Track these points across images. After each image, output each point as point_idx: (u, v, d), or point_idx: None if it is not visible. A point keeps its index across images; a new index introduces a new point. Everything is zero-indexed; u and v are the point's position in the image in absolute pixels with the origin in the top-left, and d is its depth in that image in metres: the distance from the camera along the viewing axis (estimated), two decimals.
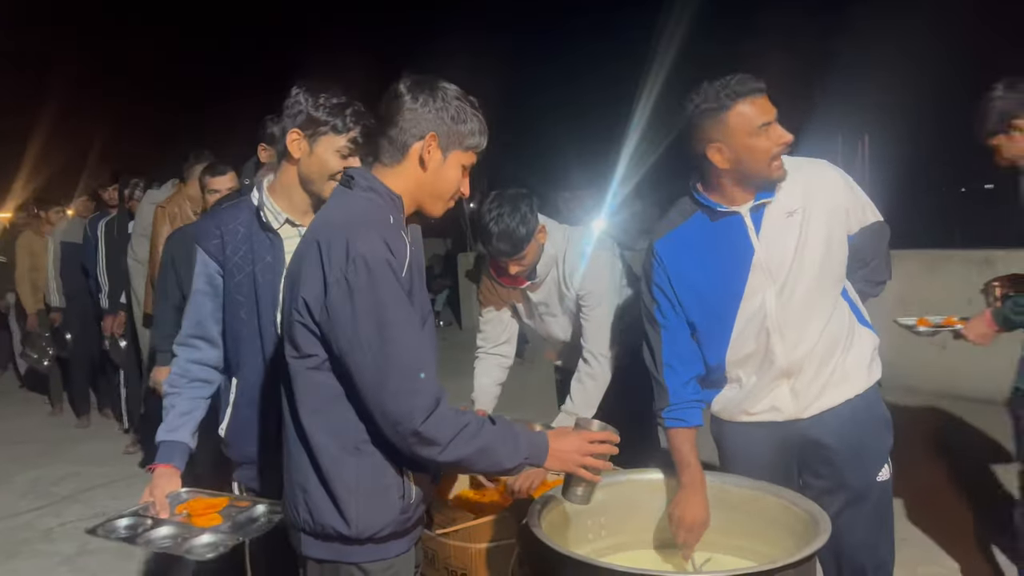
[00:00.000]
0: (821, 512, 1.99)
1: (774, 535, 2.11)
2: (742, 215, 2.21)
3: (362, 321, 1.61)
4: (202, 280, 2.21)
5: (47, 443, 6.56)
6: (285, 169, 2.16)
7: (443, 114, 1.74)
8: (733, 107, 2.08)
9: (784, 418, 2.31)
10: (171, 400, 2.22)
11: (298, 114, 2.09)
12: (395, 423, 1.62)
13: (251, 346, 2.18)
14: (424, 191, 1.79)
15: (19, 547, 4.49)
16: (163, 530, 1.97)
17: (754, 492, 2.19)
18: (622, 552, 2.24)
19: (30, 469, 5.86)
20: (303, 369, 1.71)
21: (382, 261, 1.62)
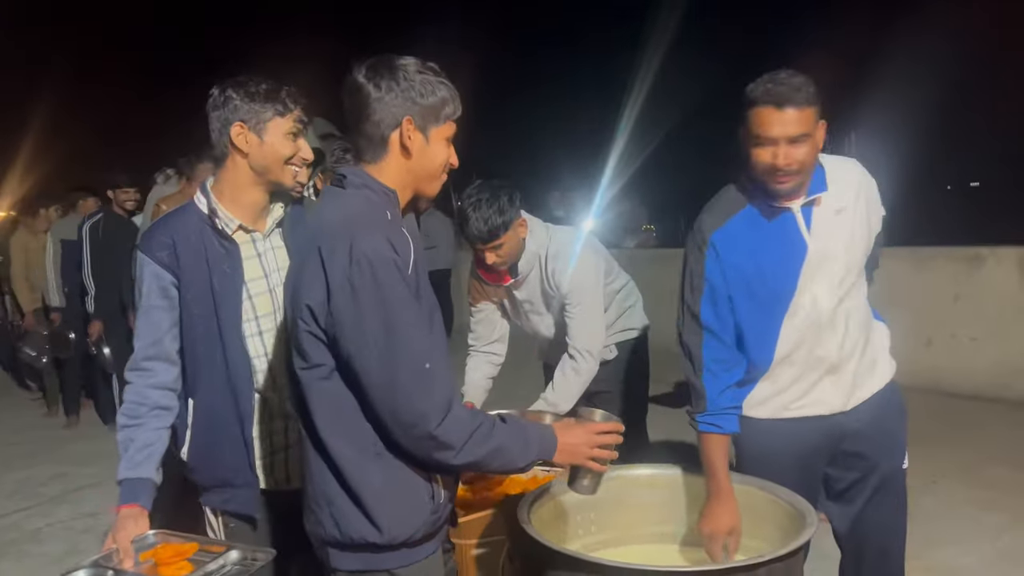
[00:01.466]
0: (807, 506, 2.01)
1: (762, 529, 2.13)
2: (793, 211, 2.19)
3: (368, 323, 1.56)
4: (155, 295, 2.03)
5: (34, 444, 6.53)
6: (230, 169, 2.04)
7: (410, 93, 1.67)
8: (748, 110, 2.09)
9: (829, 411, 2.30)
10: (130, 433, 2.02)
11: (234, 109, 1.98)
12: (408, 426, 1.58)
13: (209, 364, 2.04)
14: (415, 176, 1.74)
15: (6, 548, 4.47)
16: None
17: (741, 487, 2.20)
18: (612, 548, 2.25)
19: (17, 470, 5.82)
20: (313, 380, 1.66)
21: (387, 260, 1.57)
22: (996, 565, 3.59)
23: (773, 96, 2.04)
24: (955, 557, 3.66)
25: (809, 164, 2.11)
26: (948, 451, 5.12)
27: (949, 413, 6.01)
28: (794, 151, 2.06)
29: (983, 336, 6.53)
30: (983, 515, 4.12)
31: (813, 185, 2.19)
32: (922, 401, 6.30)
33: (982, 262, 6.65)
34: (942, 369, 6.62)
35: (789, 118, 2.04)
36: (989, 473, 4.72)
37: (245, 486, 2.08)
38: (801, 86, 2.06)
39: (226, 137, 2.00)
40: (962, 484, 4.56)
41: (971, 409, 6.12)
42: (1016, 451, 5.05)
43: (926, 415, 5.95)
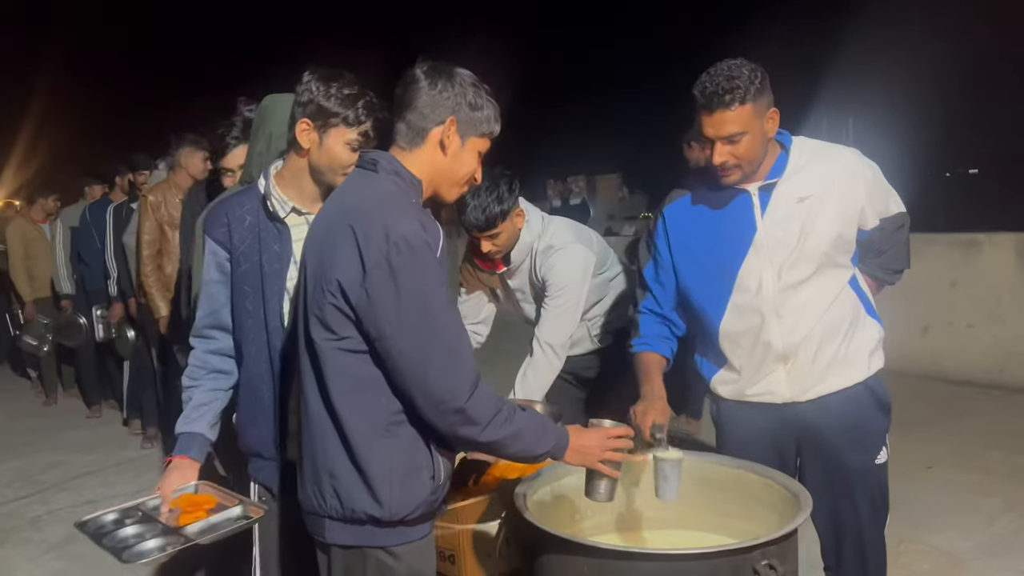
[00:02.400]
0: (802, 490, 2.01)
1: (757, 513, 2.13)
2: (750, 193, 2.24)
3: (406, 303, 1.62)
4: (213, 269, 2.16)
5: (33, 432, 6.55)
6: (293, 158, 2.11)
7: (461, 99, 1.77)
8: (698, 112, 2.15)
9: (781, 401, 2.34)
10: (189, 392, 2.19)
11: (308, 103, 2.02)
12: (439, 402, 1.64)
13: (255, 337, 2.14)
14: (442, 175, 1.81)
15: (7, 535, 4.49)
16: (131, 529, 1.95)
17: (738, 471, 2.21)
18: (609, 533, 2.26)
19: (15, 458, 5.84)
20: (335, 350, 1.71)
21: (422, 242, 1.64)
22: (992, 549, 3.61)
23: (705, 98, 2.11)
24: (951, 541, 3.68)
25: (751, 156, 2.17)
26: (944, 437, 5.15)
27: (945, 399, 6.03)
28: (731, 148, 2.14)
29: (979, 322, 6.54)
30: (979, 500, 4.15)
31: (773, 170, 2.24)
32: (918, 387, 6.33)
33: (979, 248, 6.66)
34: (939, 355, 6.64)
35: (720, 120, 2.11)
36: (985, 458, 4.75)
37: (271, 459, 2.17)
38: (737, 84, 2.09)
39: (293, 129, 2.06)
40: (958, 469, 4.58)
41: (967, 395, 6.14)
42: (1012, 436, 5.08)
43: (922, 401, 5.98)
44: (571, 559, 1.82)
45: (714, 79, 2.10)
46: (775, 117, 2.18)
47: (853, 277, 2.36)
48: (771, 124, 2.18)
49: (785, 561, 1.78)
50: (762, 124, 2.15)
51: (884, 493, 2.46)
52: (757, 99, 2.11)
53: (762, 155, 2.20)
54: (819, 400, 2.33)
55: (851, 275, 2.35)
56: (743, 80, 2.09)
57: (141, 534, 1.93)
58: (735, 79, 2.09)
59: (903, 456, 4.65)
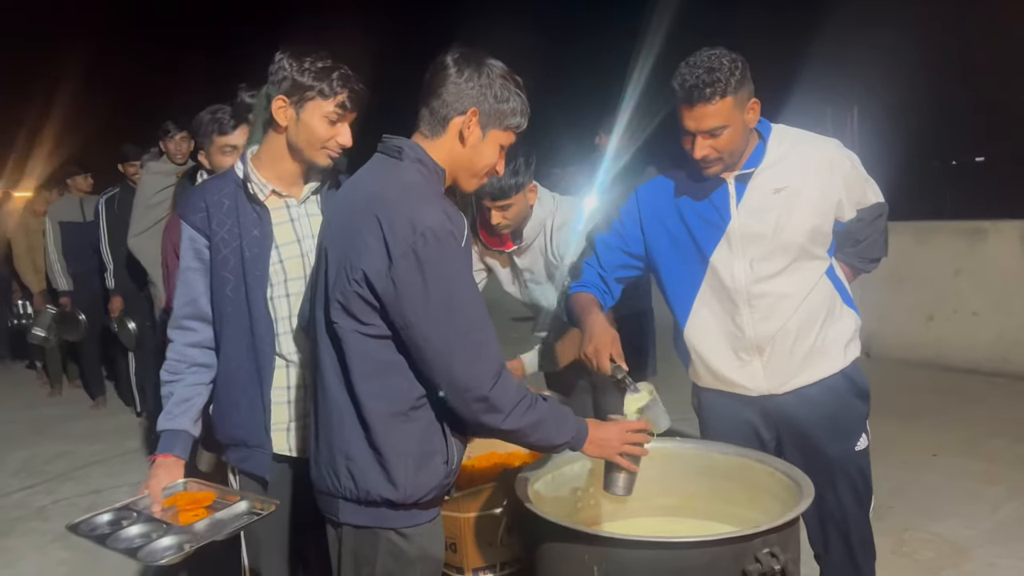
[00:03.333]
0: (804, 477, 2.01)
1: (760, 501, 2.13)
2: (727, 182, 2.23)
3: (433, 292, 1.63)
4: (190, 256, 2.12)
5: (38, 422, 6.56)
6: (271, 138, 2.08)
7: (487, 91, 1.76)
8: (678, 105, 2.13)
9: (756, 394, 2.35)
10: (170, 388, 2.14)
11: (283, 80, 2.00)
12: (464, 390, 1.66)
13: (236, 325, 2.10)
14: (460, 166, 1.81)
15: (13, 525, 4.50)
16: (135, 529, 1.91)
17: (740, 459, 2.21)
18: (612, 521, 2.25)
19: (21, 448, 5.86)
20: (358, 335, 1.72)
21: (448, 232, 1.65)
22: (996, 537, 3.60)
23: (685, 91, 2.09)
24: (955, 529, 3.67)
25: (733, 148, 2.15)
26: (948, 424, 5.14)
27: (950, 387, 6.03)
28: (712, 142, 2.12)
29: (984, 310, 6.52)
30: (983, 488, 4.14)
31: (750, 159, 2.23)
32: (923, 375, 6.34)
33: (984, 236, 6.63)
34: (943, 343, 6.63)
35: (701, 114, 2.09)
36: (989, 446, 4.74)
37: (258, 448, 2.14)
38: (717, 77, 2.06)
39: (270, 107, 2.02)
40: (962, 457, 4.58)
41: (972, 383, 6.13)
42: (1016, 424, 5.07)
43: (927, 389, 5.98)
44: (572, 547, 1.81)
45: (694, 71, 2.07)
46: (756, 108, 2.17)
47: (830, 267, 2.35)
48: (752, 115, 2.16)
49: (787, 549, 1.77)
50: (743, 116, 2.13)
51: (867, 479, 2.46)
52: (738, 91, 2.09)
53: (743, 145, 2.19)
54: (797, 391, 2.33)
55: (827, 266, 2.34)
56: (723, 72, 2.06)
57: (147, 534, 1.89)
58: (715, 71, 2.06)
59: (907, 444, 4.67)
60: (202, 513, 1.97)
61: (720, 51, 2.10)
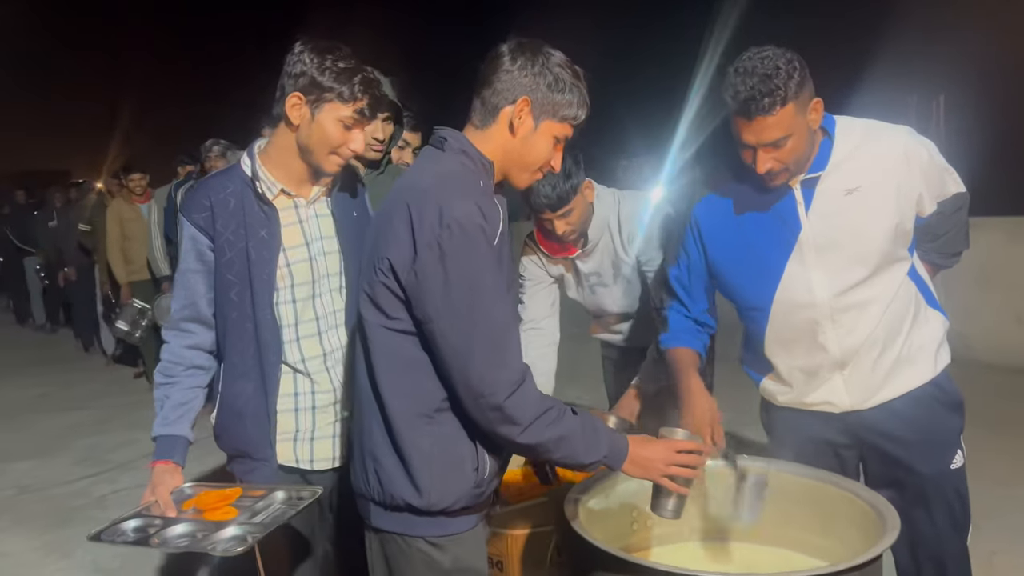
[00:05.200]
0: (887, 506, 1.81)
1: (836, 529, 1.94)
2: (793, 189, 2.02)
3: (454, 287, 1.56)
4: (192, 257, 2.01)
5: (106, 410, 6.69)
6: (282, 134, 1.96)
7: (540, 80, 1.67)
8: (738, 124, 1.93)
9: (840, 411, 2.15)
10: (165, 391, 2.06)
11: (300, 75, 1.87)
12: (478, 395, 1.58)
13: (240, 330, 2.00)
14: (511, 158, 1.72)
15: (74, 513, 4.56)
16: (178, 528, 1.85)
17: (813, 482, 2.02)
18: (664, 545, 2.09)
19: (88, 436, 5.97)
20: (383, 330, 1.66)
21: (476, 227, 1.57)
22: None
23: (741, 104, 1.87)
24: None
25: (798, 156, 1.95)
26: None
27: None
28: (775, 154, 1.92)
29: None
30: None
31: (816, 162, 2.01)
32: (1013, 382, 5.95)
33: None
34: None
35: (761, 126, 1.88)
36: None
37: (263, 461, 2.05)
38: (775, 85, 1.84)
39: (283, 102, 1.91)
40: None
41: None
42: None
43: (1016, 397, 5.60)
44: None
45: (747, 80, 1.85)
46: (819, 108, 1.94)
47: (912, 267, 2.14)
48: (815, 116, 1.94)
49: None
50: (806, 120, 1.91)
51: (964, 501, 2.23)
52: (798, 95, 1.86)
53: (809, 150, 1.98)
54: (884, 405, 2.13)
55: (909, 265, 2.12)
56: (780, 78, 1.84)
57: (192, 533, 1.83)
58: (771, 78, 1.84)
59: (995, 459, 4.35)
60: (231, 511, 1.89)
61: (772, 52, 1.88)
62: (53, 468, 5.34)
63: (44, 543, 4.18)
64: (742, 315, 2.22)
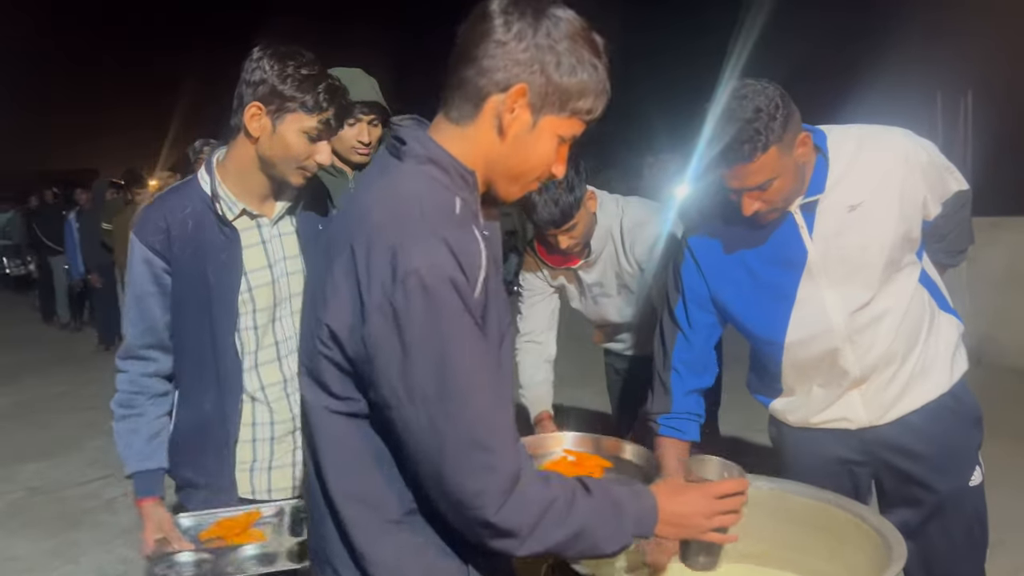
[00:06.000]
0: (895, 533, 1.71)
1: (841, 554, 1.84)
2: (792, 213, 1.93)
3: (416, 365, 1.14)
4: (147, 280, 1.88)
5: None
6: (241, 146, 1.84)
7: (543, 57, 1.19)
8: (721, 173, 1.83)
9: (856, 427, 2.07)
10: (132, 424, 1.95)
11: (260, 83, 1.75)
12: (459, 506, 1.18)
13: (198, 358, 1.91)
14: (498, 166, 1.27)
15: (83, 516, 4.55)
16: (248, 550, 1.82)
17: (818, 503, 1.92)
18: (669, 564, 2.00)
19: (101, 436, 5.95)
20: (330, 414, 1.26)
21: (444, 281, 1.13)
22: None
23: (720, 154, 1.77)
24: None
25: (785, 195, 1.86)
26: None
27: None
28: (760, 196, 1.83)
29: None
30: None
31: (813, 184, 1.91)
32: None
33: None
34: None
35: (741, 174, 1.79)
36: None
37: (222, 492, 1.97)
38: (756, 130, 1.72)
39: (241, 112, 1.79)
40: None
41: None
42: None
43: None
44: None
45: (727, 127, 1.74)
46: (807, 141, 1.84)
47: (922, 272, 2.05)
48: (802, 150, 1.84)
49: None
50: (792, 158, 1.81)
51: (983, 520, 2.14)
52: (782, 136, 1.76)
53: (799, 185, 1.88)
54: (900, 420, 2.05)
55: (919, 271, 2.04)
56: (761, 123, 1.73)
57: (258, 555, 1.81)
58: (751, 123, 1.72)
59: (1020, 470, 4.20)
60: (256, 532, 1.87)
61: (753, 90, 1.76)
62: (65, 469, 5.36)
63: (52, 547, 4.18)
64: (753, 344, 2.14)
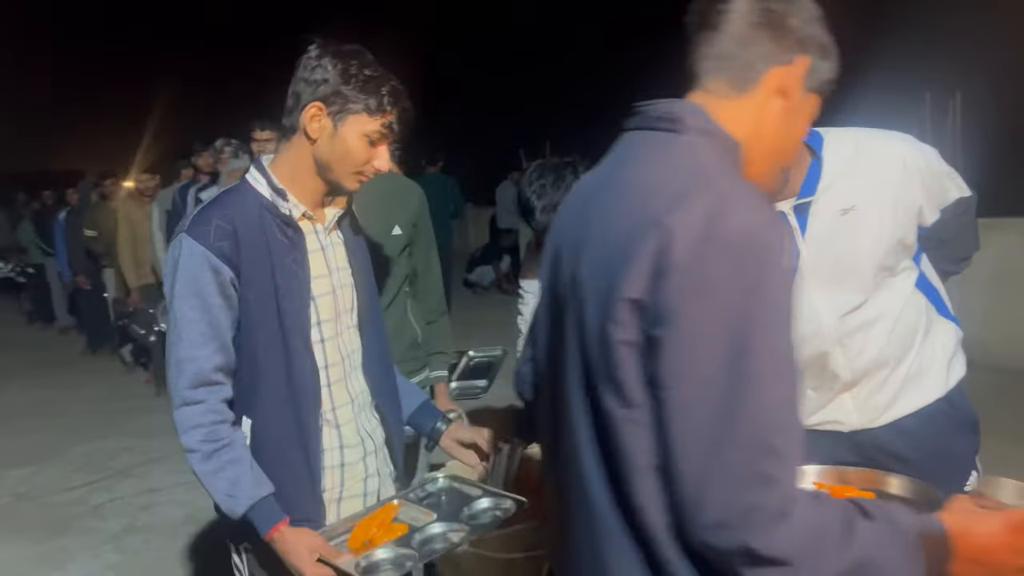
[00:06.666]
0: None
1: None
2: (785, 214, 1.91)
3: (712, 340, 0.97)
4: (214, 292, 1.66)
5: (107, 415, 6.59)
6: (297, 148, 1.73)
7: (812, 28, 1.17)
8: None
9: (849, 429, 2.05)
10: (228, 455, 1.68)
11: (321, 82, 1.66)
12: (716, 523, 0.97)
13: (270, 377, 1.72)
14: (762, 145, 1.17)
15: (70, 523, 4.48)
16: (435, 527, 1.74)
17: None
18: None
19: (88, 442, 5.89)
20: (634, 425, 1.05)
21: (762, 242, 1.00)
22: None
23: None
24: None
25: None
26: None
27: None
28: None
29: None
30: None
31: (805, 185, 1.89)
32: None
33: None
34: None
35: None
36: None
37: (305, 521, 1.74)
38: None
39: (299, 112, 1.69)
40: None
41: None
42: None
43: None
44: None
45: None
46: None
47: (920, 277, 2.02)
48: None
49: None
50: None
51: None
52: None
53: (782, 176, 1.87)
54: (894, 424, 2.02)
55: (916, 276, 2.01)
56: None
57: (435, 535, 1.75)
58: None
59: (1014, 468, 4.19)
60: (399, 527, 1.73)
61: None
62: (51, 474, 5.28)
63: (38, 553, 4.11)
64: None
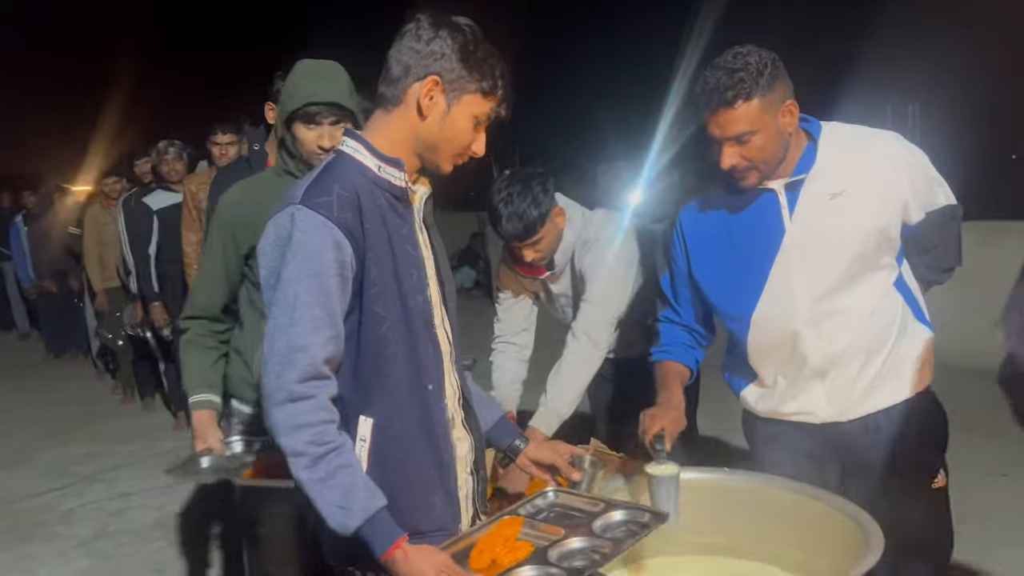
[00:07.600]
0: (872, 524, 1.76)
1: (817, 545, 1.88)
2: (776, 192, 1.99)
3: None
4: (333, 271, 1.47)
5: (70, 420, 6.50)
6: (398, 121, 1.57)
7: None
8: (704, 117, 1.93)
9: (820, 421, 2.11)
10: (340, 459, 1.47)
11: (439, 57, 1.52)
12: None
13: (396, 374, 1.56)
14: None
15: (36, 529, 4.42)
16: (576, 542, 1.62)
17: (795, 496, 1.96)
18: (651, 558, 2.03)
19: (52, 448, 5.81)
20: None
21: None
22: None
23: (706, 95, 1.88)
24: (1021, 556, 3.39)
25: (766, 156, 1.93)
26: (1013, 442, 4.78)
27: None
28: (740, 149, 1.91)
29: None
30: None
31: (800, 164, 1.99)
32: (987, 387, 5.92)
33: None
34: None
35: (724, 119, 1.88)
36: None
37: (439, 531, 1.61)
38: (740, 79, 1.84)
39: (407, 83, 1.54)
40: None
41: None
42: None
43: (991, 402, 5.58)
44: None
45: (715, 73, 1.87)
46: (793, 110, 1.93)
47: (899, 277, 2.10)
48: (788, 119, 1.92)
49: None
50: (775, 120, 1.90)
51: (946, 522, 2.21)
52: (767, 92, 1.86)
53: (780, 152, 1.95)
54: (865, 419, 2.09)
55: (896, 275, 2.09)
56: (748, 73, 1.84)
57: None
58: (737, 72, 1.84)
59: (973, 464, 4.33)
60: (524, 545, 1.61)
61: (748, 49, 1.88)
62: (17, 481, 5.20)
63: (5, 560, 4.05)
64: (723, 324, 2.19)
